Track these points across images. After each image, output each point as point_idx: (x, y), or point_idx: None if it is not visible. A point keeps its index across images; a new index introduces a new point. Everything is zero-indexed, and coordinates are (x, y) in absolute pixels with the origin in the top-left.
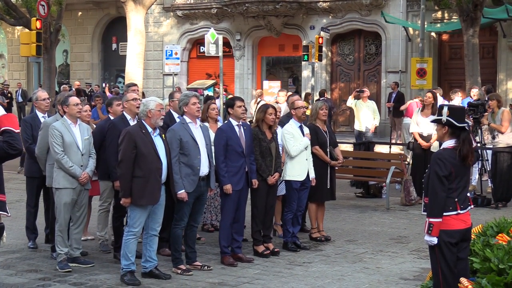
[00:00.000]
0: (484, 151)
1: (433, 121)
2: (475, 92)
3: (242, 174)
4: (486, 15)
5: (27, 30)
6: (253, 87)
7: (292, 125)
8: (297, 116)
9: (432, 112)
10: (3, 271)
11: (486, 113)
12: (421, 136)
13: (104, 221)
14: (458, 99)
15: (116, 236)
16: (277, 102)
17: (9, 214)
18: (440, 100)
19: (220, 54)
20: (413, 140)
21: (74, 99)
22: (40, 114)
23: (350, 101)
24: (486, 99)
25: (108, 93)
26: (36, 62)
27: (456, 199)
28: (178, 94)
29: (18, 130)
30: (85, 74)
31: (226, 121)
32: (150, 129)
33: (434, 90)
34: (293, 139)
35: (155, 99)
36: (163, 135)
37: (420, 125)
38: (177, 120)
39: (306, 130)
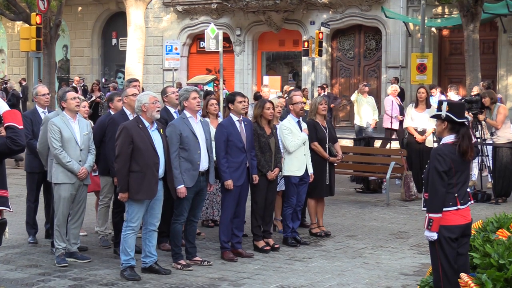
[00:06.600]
0: (485, 147)
1: (432, 117)
2: (476, 89)
3: (243, 169)
4: (486, 10)
5: (27, 25)
6: (253, 83)
7: (290, 121)
8: (295, 111)
9: (426, 106)
10: (3, 266)
11: (484, 110)
12: (415, 130)
13: (104, 217)
14: (453, 95)
15: (116, 231)
16: (279, 97)
17: (12, 210)
18: (437, 96)
19: (220, 49)
20: (406, 136)
21: (71, 93)
22: (40, 109)
23: (355, 96)
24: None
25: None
26: (36, 57)
27: (456, 195)
28: (170, 89)
29: (22, 126)
30: (85, 69)
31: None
32: (147, 124)
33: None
34: (291, 135)
35: (148, 92)
36: (161, 130)
37: (415, 120)
38: (174, 114)
39: (304, 125)
